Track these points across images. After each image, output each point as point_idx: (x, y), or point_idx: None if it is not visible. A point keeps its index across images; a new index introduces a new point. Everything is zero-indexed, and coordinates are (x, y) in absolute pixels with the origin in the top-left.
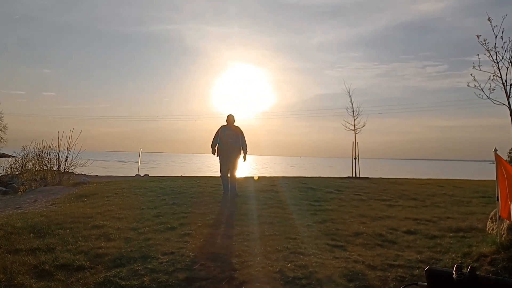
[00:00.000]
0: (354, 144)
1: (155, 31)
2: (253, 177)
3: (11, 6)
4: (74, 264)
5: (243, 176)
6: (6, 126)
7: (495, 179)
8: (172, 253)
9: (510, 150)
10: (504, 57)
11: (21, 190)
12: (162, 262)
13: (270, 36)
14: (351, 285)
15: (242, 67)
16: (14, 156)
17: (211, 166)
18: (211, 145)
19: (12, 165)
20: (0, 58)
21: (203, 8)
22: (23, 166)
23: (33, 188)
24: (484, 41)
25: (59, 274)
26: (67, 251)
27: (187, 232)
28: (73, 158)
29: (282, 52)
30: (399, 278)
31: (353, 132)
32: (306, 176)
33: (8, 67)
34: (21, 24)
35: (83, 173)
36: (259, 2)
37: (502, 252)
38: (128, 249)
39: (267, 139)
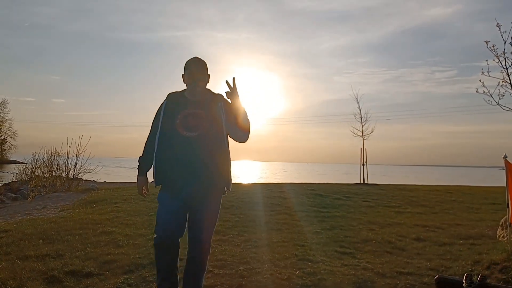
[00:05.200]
0: (362, 150)
1: (164, 38)
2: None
3: (21, 14)
4: (83, 270)
5: (247, 182)
6: (16, 132)
7: (505, 185)
8: (180, 259)
9: None
10: None
11: (30, 197)
12: None
13: (278, 42)
14: None
15: (250, 73)
16: (24, 163)
17: None
18: (140, 158)
19: (22, 172)
20: (10, 65)
21: (212, 15)
22: (32, 172)
23: (42, 194)
24: (493, 47)
25: (68, 281)
26: (76, 257)
27: None
28: (82, 164)
29: (290, 58)
30: (408, 286)
31: (361, 138)
32: (314, 182)
33: (18, 74)
34: (31, 31)
35: (92, 180)
36: (267, 9)
37: None
38: (137, 256)
39: (275, 145)
